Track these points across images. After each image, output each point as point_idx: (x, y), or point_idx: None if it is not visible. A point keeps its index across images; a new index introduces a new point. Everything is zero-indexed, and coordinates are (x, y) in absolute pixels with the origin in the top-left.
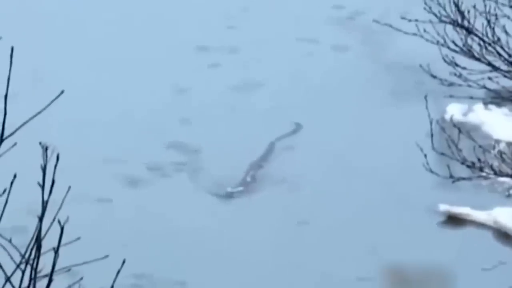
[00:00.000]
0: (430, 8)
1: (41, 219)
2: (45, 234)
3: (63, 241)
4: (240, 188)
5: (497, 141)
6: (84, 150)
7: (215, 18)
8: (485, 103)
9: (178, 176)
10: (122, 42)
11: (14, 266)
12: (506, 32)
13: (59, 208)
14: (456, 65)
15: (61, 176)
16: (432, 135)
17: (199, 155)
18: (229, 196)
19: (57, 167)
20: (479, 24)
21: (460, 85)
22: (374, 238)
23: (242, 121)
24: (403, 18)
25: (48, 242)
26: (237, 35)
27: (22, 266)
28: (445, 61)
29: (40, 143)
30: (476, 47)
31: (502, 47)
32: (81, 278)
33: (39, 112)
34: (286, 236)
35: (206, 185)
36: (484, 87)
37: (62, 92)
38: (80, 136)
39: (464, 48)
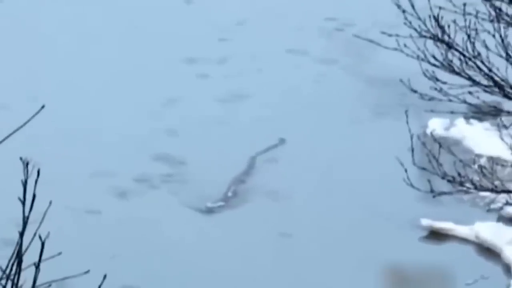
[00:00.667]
0: (410, 22)
1: (21, 234)
2: (26, 249)
3: (48, 254)
4: (221, 203)
5: (478, 156)
6: (72, 163)
7: (209, 31)
8: (466, 118)
9: (162, 190)
10: (112, 55)
11: None
12: (486, 47)
13: (40, 223)
14: (437, 79)
15: (50, 189)
16: (413, 150)
17: (184, 168)
18: (210, 211)
19: (47, 180)
20: (459, 38)
21: (441, 99)
22: (357, 252)
23: (228, 134)
24: (383, 33)
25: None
26: (228, 47)
27: (3, 281)
28: (425, 75)
29: (20, 158)
30: (456, 62)
31: (482, 62)
32: None
33: (20, 127)
34: (267, 249)
35: (189, 199)
36: (465, 101)
37: (43, 107)
38: (68, 149)
39: (445, 63)
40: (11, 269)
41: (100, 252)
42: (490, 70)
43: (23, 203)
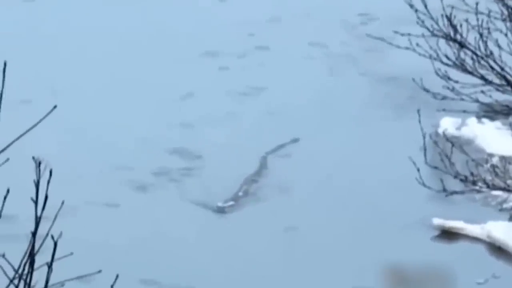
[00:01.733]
0: (423, 22)
1: (34, 234)
2: (38, 249)
3: (67, 249)
4: (232, 203)
5: (490, 155)
6: (90, 158)
7: (239, 27)
8: (478, 117)
9: (174, 187)
10: (136, 50)
11: (7, 281)
12: (499, 46)
13: (53, 222)
14: (449, 78)
15: (71, 184)
16: (425, 149)
17: (199, 163)
18: (221, 210)
19: (68, 176)
20: (471, 38)
21: (453, 98)
22: (367, 250)
23: (242, 128)
24: (395, 32)
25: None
26: (254, 42)
27: (16, 281)
28: (438, 74)
29: (33, 158)
30: (468, 61)
31: (494, 61)
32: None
33: (32, 127)
34: (276, 249)
35: (201, 197)
36: (477, 100)
37: (55, 107)
38: (86, 144)
39: (457, 62)
40: (23, 269)
41: (115, 246)
42: (502, 69)
43: (36, 203)
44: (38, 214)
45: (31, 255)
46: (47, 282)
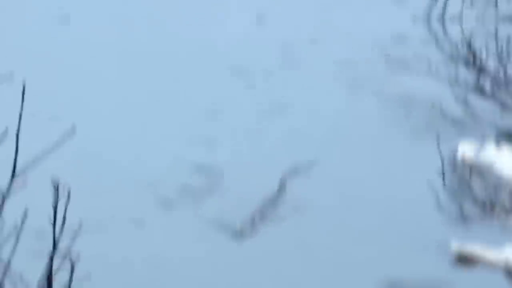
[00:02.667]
0: (442, 46)
1: (51, 257)
2: (56, 271)
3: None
4: (249, 226)
5: (509, 180)
6: (115, 172)
7: (273, 45)
8: (497, 142)
9: (193, 210)
10: (161, 65)
11: None
12: None
13: (71, 243)
14: (468, 103)
15: (97, 198)
16: (443, 174)
17: (220, 182)
18: (238, 234)
19: (87, 191)
20: (490, 63)
21: (471, 123)
22: (386, 272)
23: (266, 146)
24: (414, 56)
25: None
26: (283, 60)
27: None
28: (456, 99)
29: (51, 181)
30: (488, 86)
31: None
32: None
33: (53, 148)
34: (292, 272)
35: (219, 219)
36: (496, 126)
37: (74, 127)
38: (111, 159)
39: (476, 87)
40: None
41: (134, 265)
42: None
43: (54, 225)
44: (56, 236)
45: (49, 278)
46: None
